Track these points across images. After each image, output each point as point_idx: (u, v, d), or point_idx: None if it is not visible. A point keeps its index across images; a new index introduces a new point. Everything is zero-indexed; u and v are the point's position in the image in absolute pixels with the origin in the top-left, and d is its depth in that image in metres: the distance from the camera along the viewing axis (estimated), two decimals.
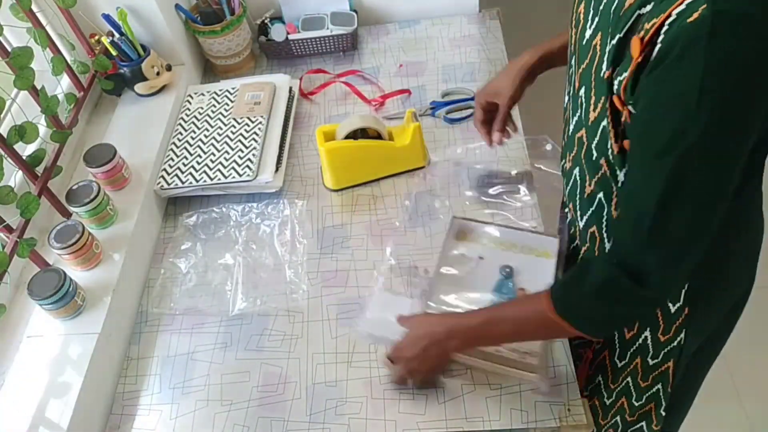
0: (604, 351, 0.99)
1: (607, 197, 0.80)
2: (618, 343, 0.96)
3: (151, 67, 1.28)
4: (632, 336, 0.92)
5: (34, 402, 0.90)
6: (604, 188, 0.79)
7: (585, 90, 0.74)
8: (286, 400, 0.94)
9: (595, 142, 0.75)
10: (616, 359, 0.98)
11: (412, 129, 1.17)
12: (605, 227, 0.84)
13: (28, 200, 0.97)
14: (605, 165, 0.75)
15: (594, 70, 0.71)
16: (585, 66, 0.74)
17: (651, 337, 0.90)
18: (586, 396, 1.04)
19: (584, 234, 0.90)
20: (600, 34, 0.69)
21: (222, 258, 1.12)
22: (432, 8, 1.54)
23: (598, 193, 0.81)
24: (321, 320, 1.02)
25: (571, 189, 0.89)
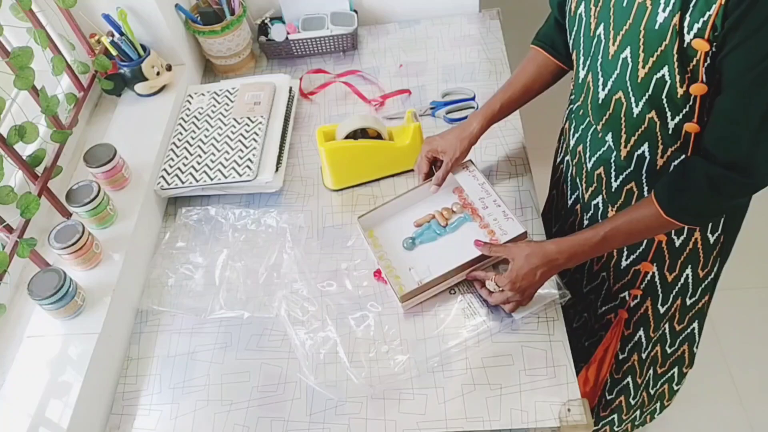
0: (645, 302, 1.05)
1: (653, 148, 0.85)
2: (660, 289, 1.02)
3: (151, 67, 1.28)
4: (674, 277, 1.00)
5: (34, 402, 0.90)
6: (648, 139, 0.85)
7: (631, 49, 0.77)
8: (286, 400, 0.94)
9: (646, 97, 0.79)
10: (659, 305, 1.05)
11: (412, 129, 1.17)
12: (645, 180, 0.90)
13: (28, 200, 0.97)
14: (655, 116, 0.81)
15: (644, 25, 0.74)
16: (628, 26, 0.77)
17: (692, 275, 0.99)
18: (625, 357, 1.14)
19: (617, 194, 0.95)
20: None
21: (222, 258, 1.12)
22: (432, 8, 1.54)
23: (639, 147, 0.87)
24: (321, 320, 1.02)
25: (602, 155, 0.94)
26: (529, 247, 0.93)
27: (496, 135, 1.25)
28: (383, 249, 1.08)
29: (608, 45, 0.81)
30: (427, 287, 0.99)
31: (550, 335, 0.96)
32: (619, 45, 0.79)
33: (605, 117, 0.89)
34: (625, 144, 0.88)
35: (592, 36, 0.84)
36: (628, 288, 1.06)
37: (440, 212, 1.10)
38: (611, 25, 0.80)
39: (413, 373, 0.94)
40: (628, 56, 0.78)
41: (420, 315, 1.00)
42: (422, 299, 1.01)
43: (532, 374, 0.92)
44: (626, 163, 0.91)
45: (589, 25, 0.85)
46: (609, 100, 0.86)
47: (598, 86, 0.87)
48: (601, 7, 0.81)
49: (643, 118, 0.82)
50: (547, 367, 0.93)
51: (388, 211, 1.12)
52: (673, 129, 0.81)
